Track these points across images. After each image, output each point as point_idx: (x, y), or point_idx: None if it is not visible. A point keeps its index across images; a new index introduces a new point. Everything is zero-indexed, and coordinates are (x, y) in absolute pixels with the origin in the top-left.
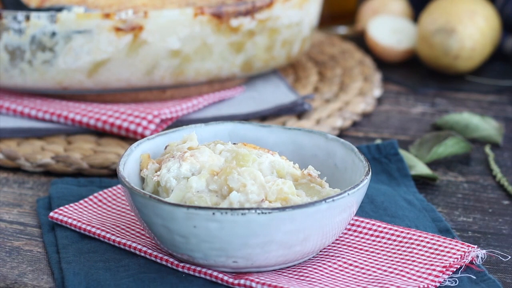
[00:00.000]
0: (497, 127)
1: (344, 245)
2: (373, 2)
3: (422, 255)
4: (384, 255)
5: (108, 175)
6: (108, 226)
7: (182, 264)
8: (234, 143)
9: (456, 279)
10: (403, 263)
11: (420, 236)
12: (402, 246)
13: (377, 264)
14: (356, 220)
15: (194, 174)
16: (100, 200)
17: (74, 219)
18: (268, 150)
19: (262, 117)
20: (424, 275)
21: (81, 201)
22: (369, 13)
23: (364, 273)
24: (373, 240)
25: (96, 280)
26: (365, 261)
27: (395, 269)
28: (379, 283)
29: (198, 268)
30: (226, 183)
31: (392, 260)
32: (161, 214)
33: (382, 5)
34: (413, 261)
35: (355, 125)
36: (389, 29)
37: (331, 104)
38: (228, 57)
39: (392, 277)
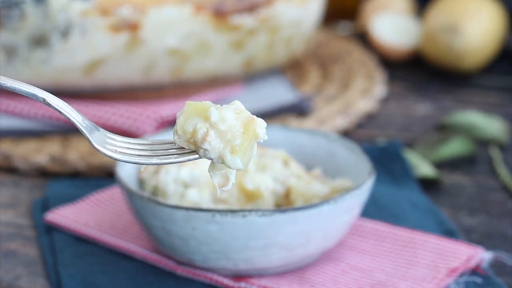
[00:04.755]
0: (502, 127)
1: (347, 247)
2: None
3: (427, 257)
4: (387, 257)
5: (106, 176)
6: (106, 227)
7: (181, 268)
8: None
9: (462, 283)
10: (407, 265)
11: (424, 238)
12: (405, 247)
13: (380, 266)
14: (359, 221)
15: (193, 179)
16: (97, 201)
17: (71, 220)
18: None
19: (263, 116)
20: (429, 279)
21: (78, 202)
22: (372, 10)
23: (367, 276)
24: (376, 242)
25: (93, 283)
26: (368, 264)
27: (398, 271)
28: (383, 286)
29: (198, 271)
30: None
31: (395, 263)
32: (160, 216)
33: (385, 2)
34: (417, 263)
35: (358, 125)
36: (392, 27)
37: (334, 104)
38: (228, 55)
39: (396, 280)
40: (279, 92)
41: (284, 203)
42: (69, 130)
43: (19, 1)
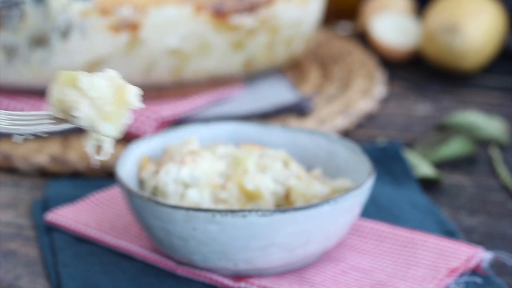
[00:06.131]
0: (502, 127)
1: (347, 247)
2: None
3: (427, 257)
4: (387, 257)
5: (106, 176)
6: (106, 227)
7: (181, 268)
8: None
9: (462, 283)
10: (407, 265)
11: (424, 238)
12: (405, 247)
13: (380, 266)
14: (359, 221)
15: (194, 179)
16: (97, 201)
17: (71, 220)
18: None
19: (263, 116)
20: (429, 279)
21: (78, 202)
22: (372, 10)
23: (367, 276)
24: (376, 242)
25: (93, 283)
26: (368, 264)
27: (398, 271)
28: (383, 286)
29: (198, 271)
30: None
31: (395, 263)
32: (159, 216)
33: (385, 2)
34: (417, 263)
35: (358, 125)
36: (392, 27)
37: (334, 104)
38: (228, 55)
39: (396, 280)
40: (279, 92)
41: (284, 204)
42: (69, 130)
43: (19, 1)
